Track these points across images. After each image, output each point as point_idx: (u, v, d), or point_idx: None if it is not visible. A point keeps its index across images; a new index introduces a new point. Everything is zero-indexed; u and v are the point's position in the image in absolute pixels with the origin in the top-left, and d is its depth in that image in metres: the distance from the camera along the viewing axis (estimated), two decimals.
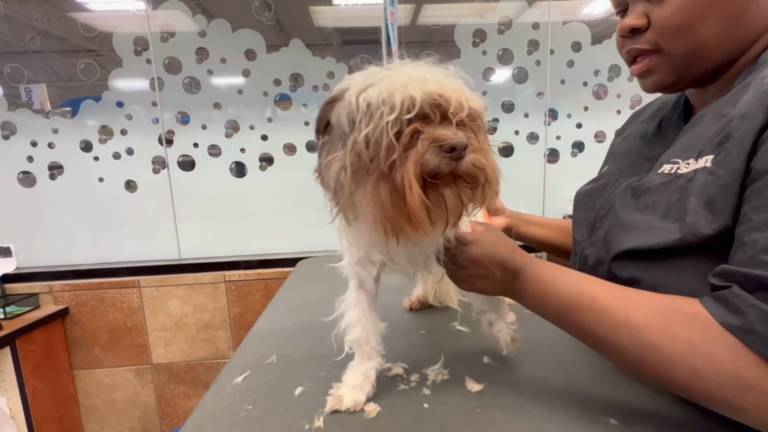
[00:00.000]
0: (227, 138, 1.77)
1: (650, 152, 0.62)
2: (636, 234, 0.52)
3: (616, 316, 0.46)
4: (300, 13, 1.78)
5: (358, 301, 0.61)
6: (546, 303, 0.53)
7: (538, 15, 1.76)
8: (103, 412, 1.83)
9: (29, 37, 1.66)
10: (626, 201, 0.56)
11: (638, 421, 0.51)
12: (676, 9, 0.50)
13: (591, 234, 0.65)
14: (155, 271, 1.77)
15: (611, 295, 0.48)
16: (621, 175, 0.64)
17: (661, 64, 0.55)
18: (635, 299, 0.47)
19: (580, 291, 0.50)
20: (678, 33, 0.51)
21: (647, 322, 0.44)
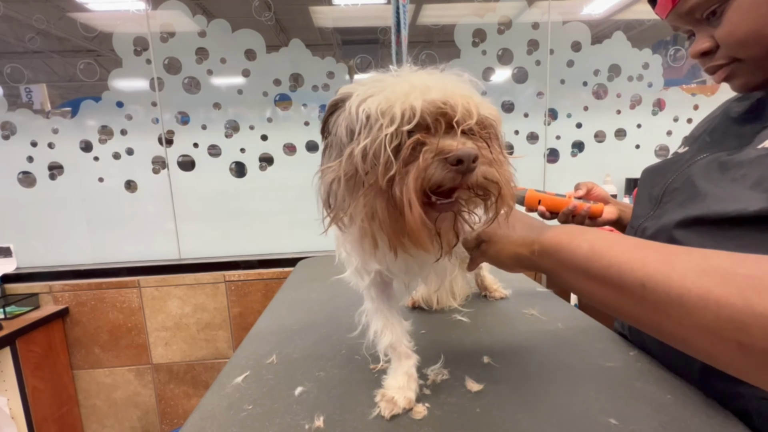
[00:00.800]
0: (227, 138, 1.77)
1: (740, 129, 0.58)
2: (712, 201, 0.48)
3: (673, 249, 0.37)
4: (300, 13, 1.78)
5: (378, 309, 0.60)
6: (577, 243, 0.43)
7: (538, 15, 1.76)
8: (103, 412, 1.84)
9: (29, 37, 1.66)
10: (711, 174, 0.52)
11: (638, 422, 0.51)
12: (735, 26, 0.51)
13: (656, 207, 0.62)
14: (155, 271, 1.77)
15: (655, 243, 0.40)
16: (700, 151, 0.60)
17: (743, 69, 0.55)
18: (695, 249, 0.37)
19: (618, 234, 0.43)
20: (745, 44, 0.51)
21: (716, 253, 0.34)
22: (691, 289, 0.32)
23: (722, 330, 0.31)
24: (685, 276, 0.33)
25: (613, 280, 0.38)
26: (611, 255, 0.39)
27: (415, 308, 0.94)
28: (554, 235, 0.47)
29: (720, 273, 0.32)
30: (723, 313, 0.30)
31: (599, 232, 0.44)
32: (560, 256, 0.45)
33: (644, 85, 1.82)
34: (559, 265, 0.46)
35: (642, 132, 1.86)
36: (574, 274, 0.43)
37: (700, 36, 0.56)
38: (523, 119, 1.84)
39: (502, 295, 0.97)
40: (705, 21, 0.54)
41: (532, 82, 1.82)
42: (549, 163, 1.88)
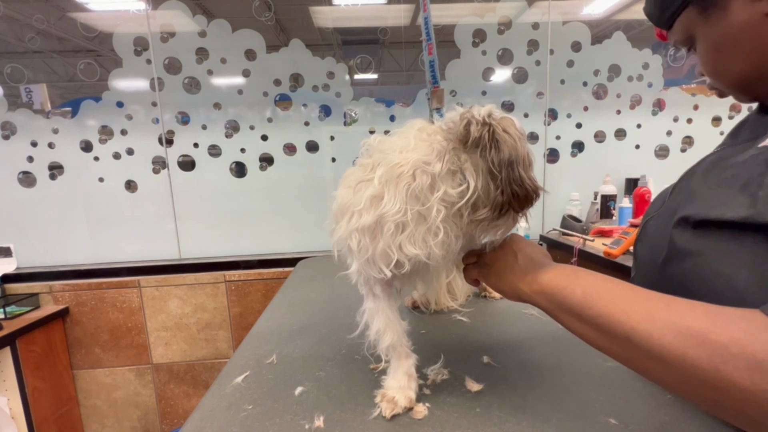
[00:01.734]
0: (227, 138, 1.77)
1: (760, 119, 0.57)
2: (702, 207, 0.47)
3: (656, 302, 0.39)
4: (300, 13, 1.78)
5: (378, 308, 0.60)
6: (571, 289, 0.47)
7: (537, 15, 1.76)
8: (104, 412, 1.84)
9: (29, 37, 1.66)
10: (709, 173, 0.51)
11: (638, 421, 0.51)
12: (703, 59, 0.54)
13: (662, 206, 0.61)
14: (155, 271, 1.77)
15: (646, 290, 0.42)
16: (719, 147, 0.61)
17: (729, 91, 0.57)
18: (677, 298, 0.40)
19: (610, 280, 0.46)
20: (714, 76, 0.55)
21: (693, 308, 0.37)
22: (669, 349, 0.36)
23: (697, 388, 0.35)
24: (663, 335, 0.36)
25: (603, 328, 0.42)
26: (601, 304, 0.43)
27: (415, 308, 0.94)
28: (552, 278, 0.50)
29: (694, 336, 0.35)
30: (697, 374, 0.34)
31: (593, 278, 0.47)
32: (556, 299, 0.48)
33: (644, 85, 1.82)
34: (555, 307, 0.49)
35: (642, 132, 1.86)
36: (569, 317, 0.47)
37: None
38: (523, 119, 1.84)
39: (499, 296, 0.97)
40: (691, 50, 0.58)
41: (532, 82, 1.82)
42: (549, 163, 1.88)
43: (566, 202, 1.86)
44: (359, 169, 0.56)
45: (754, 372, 0.31)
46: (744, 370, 0.32)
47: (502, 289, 0.58)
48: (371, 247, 0.53)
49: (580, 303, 0.45)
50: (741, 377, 0.32)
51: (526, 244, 0.58)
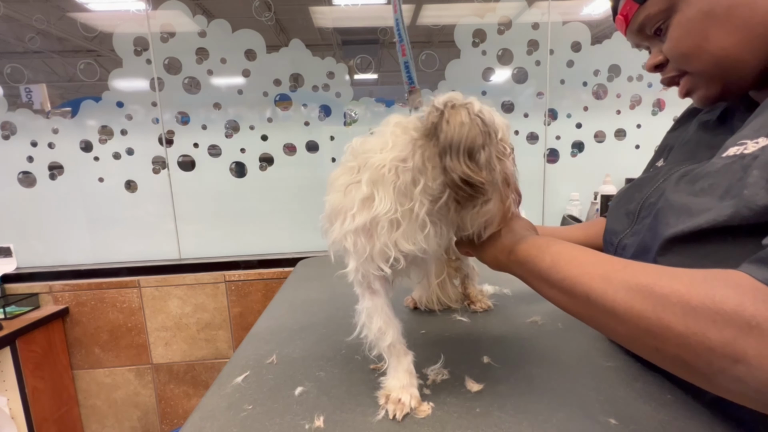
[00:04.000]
0: (227, 138, 1.77)
1: (711, 140, 0.58)
2: (687, 216, 0.48)
3: (614, 264, 0.43)
4: (300, 13, 1.78)
5: (376, 306, 0.60)
6: (541, 257, 0.51)
7: (537, 15, 1.76)
8: (103, 412, 1.84)
9: (29, 37, 1.66)
10: (680, 187, 0.52)
11: (638, 421, 0.51)
12: (675, 41, 0.53)
13: (634, 223, 0.62)
14: (155, 271, 1.77)
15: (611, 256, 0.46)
16: (675, 164, 0.60)
17: (695, 82, 0.56)
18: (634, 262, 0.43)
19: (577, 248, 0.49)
20: (688, 57, 0.53)
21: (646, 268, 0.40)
22: (620, 303, 0.40)
23: (643, 337, 0.39)
24: (616, 291, 0.41)
25: (566, 290, 0.47)
26: (566, 269, 0.47)
27: (415, 309, 0.94)
28: (526, 247, 0.54)
29: (641, 290, 0.39)
30: (641, 324, 0.38)
31: (563, 247, 0.51)
32: (528, 267, 0.53)
33: (644, 85, 1.82)
34: (528, 274, 0.54)
35: (642, 132, 1.86)
36: (539, 282, 0.52)
37: (653, 51, 0.60)
38: (523, 119, 1.84)
39: (485, 307, 0.92)
40: (655, 37, 0.57)
41: (532, 83, 1.82)
42: (549, 164, 1.88)
43: (566, 202, 1.86)
44: (346, 172, 0.56)
45: (688, 317, 0.35)
46: (680, 316, 0.35)
47: (487, 261, 0.62)
48: (368, 246, 0.54)
49: (548, 268, 0.49)
50: (677, 323, 0.35)
51: (511, 219, 0.61)
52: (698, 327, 0.34)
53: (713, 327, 0.33)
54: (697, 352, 0.35)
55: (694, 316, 0.35)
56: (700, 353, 0.35)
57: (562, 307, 0.49)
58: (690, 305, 0.35)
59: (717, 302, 0.34)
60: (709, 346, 0.34)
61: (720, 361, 0.33)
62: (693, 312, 0.35)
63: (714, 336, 0.33)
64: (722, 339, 0.33)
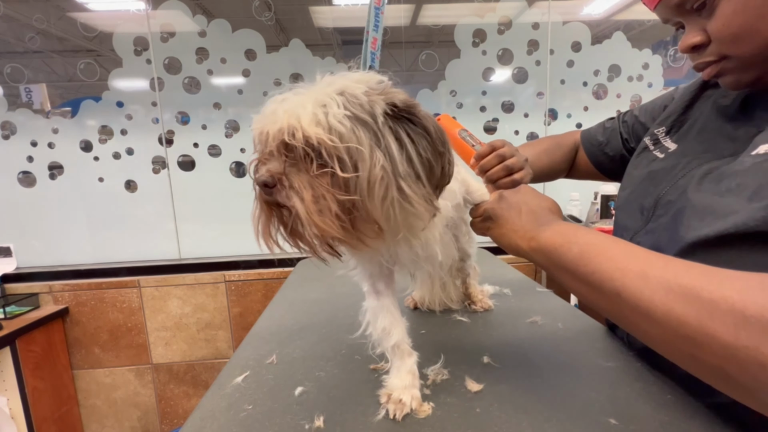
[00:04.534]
0: (227, 138, 1.77)
1: (733, 131, 0.54)
2: (712, 219, 0.44)
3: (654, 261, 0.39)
4: (300, 13, 1.78)
5: (383, 306, 0.60)
6: (568, 247, 0.47)
7: (538, 15, 1.76)
8: (103, 412, 1.83)
9: (29, 37, 1.66)
10: (704, 186, 0.49)
11: (638, 422, 0.51)
12: (728, 18, 0.47)
13: (649, 220, 0.58)
14: (155, 271, 1.77)
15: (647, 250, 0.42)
16: (695, 157, 0.56)
17: (733, 67, 0.51)
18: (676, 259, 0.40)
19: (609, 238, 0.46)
20: (738, 39, 0.48)
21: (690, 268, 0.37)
22: (658, 305, 0.37)
23: (679, 343, 0.36)
24: (654, 292, 0.37)
25: (595, 285, 0.43)
26: (596, 261, 0.43)
27: (416, 309, 0.94)
28: (551, 235, 0.50)
29: (684, 293, 0.35)
30: (681, 330, 0.35)
31: (592, 236, 0.46)
32: (553, 257, 0.49)
33: (644, 85, 1.82)
34: (552, 264, 0.49)
35: None
36: (564, 274, 0.48)
37: (690, 29, 0.52)
38: (523, 119, 1.84)
39: (486, 306, 0.91)
40: (695, 12, 0.51)
41: (532, 83, 1.82)
42: None
43: (566, 202, 1.85)
44: None
45: (740, 328, 0.31)
46: (730, 326, 0.32)
47: (503, 244, 0.58)
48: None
49: (576, 260, 0.45)
50: (726, 333, 0.32)
51: (532, 198, 0.58)
52: (752, 341, 0.31)
53: (760, 337, 0.30)
54: (745, 366, 0.31)
55: (748, 327, 0.31)
56: (747, 367, 0.31)
57: (588, 301, 0.46)
58: (744, 315, 0.31)
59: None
60: (762, 362, 0.30)
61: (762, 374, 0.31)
62: (746, 323, 0.31)
63: (763, 347, 0.30)
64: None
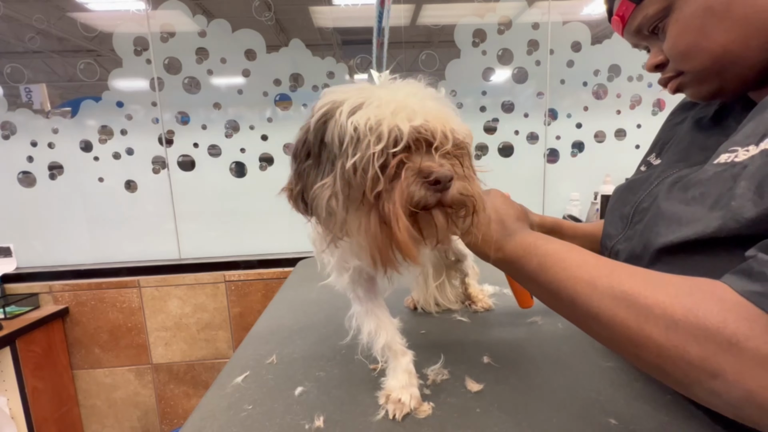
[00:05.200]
0: (227, 138, 1.77)
1: (705, 141, 0.57)
2: (677, 226, 0.47)
3: (601, 269, 0.43)
4: (300, 13, 1.78)
5: (368, 311, 0.61)
6: (528, 258, 0.50)
7: (538, 15, 1.76)
8: (103, 412, 1.83)
9: (29, 37, 1.66)
10: (673, 194, 0.51)
11: (638, 421, 0.51)
12: (675, 39, 0.53)
13: (627, 227, 0.61)
14: (155, 271, 1.77)
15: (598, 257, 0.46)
16: (669, 167, 0.59)
17: (689, 81, 0.56)
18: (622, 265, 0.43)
19: (567, 248, 0.49)
20: (687, 56, 0.53)
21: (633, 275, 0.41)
22: (604, 310, 0.40)
23: (625, 344, 0.40)
24: (601, 298, 0.41)
25: (553, 293, 0.47)
26: (553, 271, 0.47)
27: (415, 310, 0.94)
28: (514, 247, 0.53)
29: (626, 299, 0.39)
30: (624, 332, 0.39)
31: (551, 247, 0.50)
32: (516, 266, 0.53)
33: (644, 85, 1.82)
34: (516, 274, 0.54)
35: (642, 132, 1.86)
36: (528, 283, 0.52)
37: (653, 50, 0.58)
38: (523, 119, 1.84)
39: (486, 306, 0.90)
40: (653, 36, 0.56)
41: (532, 82, 1.82)
42: (549, 163, 1.88)
43: (566, 202, 1.86)
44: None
45: (670, 331, 0.35)
46: (662, 329, 0.36)
47: (474, 251, 0.60)
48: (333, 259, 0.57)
49: (536, 270, 0.49)
50: (659, 335, 0.36)
51: (501, 204, 0.60)
52: (679, 341, 0.35)
53: (694, 342, 0.34)
54: (676, 363, 0.36)
55: (676, 329, 0.35)
56: (678, 365, 0.35)
57: (551, 307, 0.50)
58: (673, 318, 0.36)
59: (700, 317, 0.34)
60: (688, 359, 0.35)
61: (697, 375, 0.34)
62: (675, 325, 0.35)
63: (694, 351, 0.34)
64: (701, 354, 0.34)
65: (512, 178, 1.86)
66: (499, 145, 1.85)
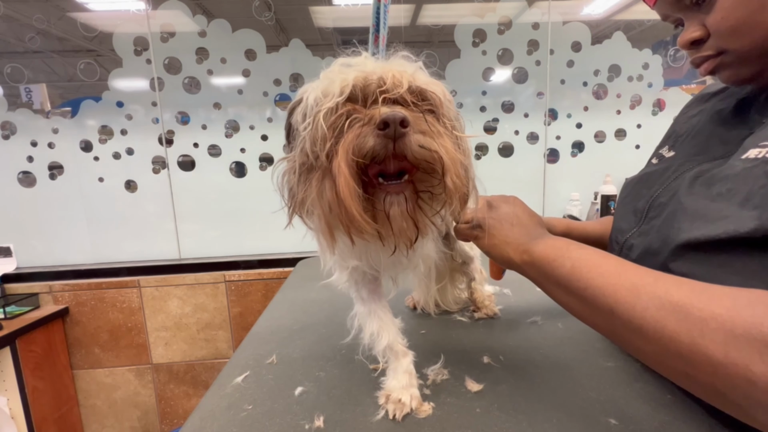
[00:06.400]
0: (227, 138, 1.77)
1: (726, 134, 0.54)
2: (702, 223, 0.44)
3: (644, 277, 0.40)
4: (300, 13, 1.78)
5: (370, 311, 0.61)
6: (560, 262, 0.47)
7: (538, 15, 1.76)
8: (103, 412, 1.83)
9: (29, 37, 1.66)
10: (695, 189, 0.48)
11: (638, 421, 0.51)
12: (728, 11, 0.48)
13: (642, 222, 0.58)
14: (155, 271, 1.77)
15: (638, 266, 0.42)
16: (688, 159, 0.56)
17: (731, 62, 0.51)
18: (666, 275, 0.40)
19: (601, 254, 0.46)
20: (737, 32, 0.48)
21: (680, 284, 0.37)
22: (650, 321, 0.37)
23: (672, 360, 0.36)
24: (646, 309, 0.37)
25: (588, 300, 0.43)
26: (589, 277, 0.43)
27: (415, 310, 0.94)
28: (543, 249, 0.51)
29: (676, 310, 0.35)
30: (673, 347, 0.35)
31: (584, 252, 0.47)
32: (545, 270, 0.50)
33: (644, 85, 1.82)
34: (544, 278, 0.50)
35: (642, 132, 1.86)
36: (557, 289, 0.49)
37: (689, 24, 0.53)
38: (523, 119, 1.84)
39: (491, 313, 0.86)
40: (695, 7, 0.51)
41: (532, 82, 1.82)
42: (549, 164, 1.88)
43: (566, 202, 1.86)
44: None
45: (729, 346, 0.32)
46: (720, 344, 0.32)
47: (494, 255, 0.59)
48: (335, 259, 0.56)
49: (569, 275, 0.46)
50: (716, 351, 0.32)
51: (522, 210, 0.59)
52: (741, 358, 0.31)
53: (759, 359, 0.30)
54: (736, 383, 0.31)
55: (737, 345, 0.31)
56: (738, 385, 0.31)
57: (580, 316, 0.46)
58: (733, 333, 0.32)
59: (765, 332, 0.30)
60: (751, 379, 0.30)
61: (762, 396, 0.30)
62: (735, 341, 0.31)
63: (758, 369, 0.30)
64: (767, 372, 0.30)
65: (512, 178, 1.86)
66: (499, 145, 1.85)
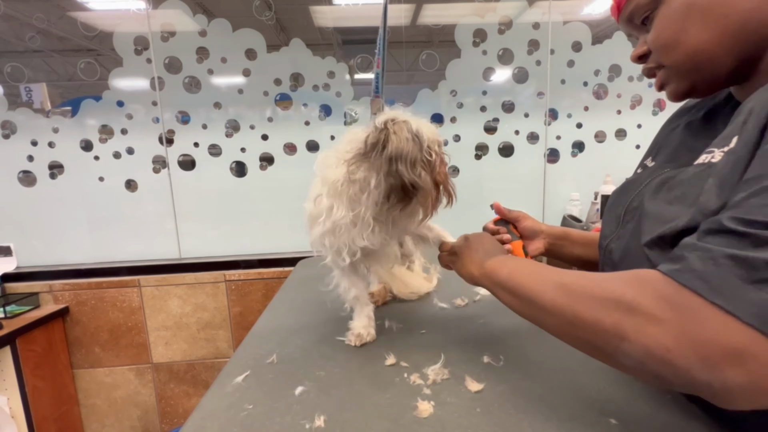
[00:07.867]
0: (227, 138, 1.77)
1: (694, 143, 0.60)
2: (659, 224, 0.50)
3: (551, 271, 0.52)
4: (300, 12, 1.78)
5: (344, 273, 0.81)
6: (500, 269, 0.61)
7: (538, 15, 1.76)
8: (104, 411, 1.84)
9: (29, 37, 1.66)
10: (658, 194, 0.54)
11: (638, 421, 0.51)
12: (658, 31, 0.55)
13: (619, 227, 0.63)
14: (155, 271, 1.77)
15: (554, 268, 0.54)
16: (658, 168, 0.62)
17: (669, 75, 0.57)
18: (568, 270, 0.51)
19: (531, 263, 0.59)
20: (666, 49, 0.55)
21: (573, 272, 0.49)
22: (548, 299, 0.49)
23: (566, 328, 0.48)
24: (545, 291, 0.50)
25: (519, 295, 0.55)
26: (518, 278, 0.56)
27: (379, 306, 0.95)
28: (492, 263, 0.64)
29: (563, 287, 0.48)
30: (563, 315, 0.47)
31: (519, 261, 0.62)
32: (491, 277, 0.63)
33: (644, 85, 1.82)
34: (492, 284, 0.63)
35: (642, 132, 1.86)
36: (500, 290, 0.60)
37: (639, 41, 0.61)
38: (524, 119, 1.84)
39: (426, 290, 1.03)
40: (642, 26, 0.58)
41: (532, 82, 1.82)
42: (549, 163, 1.88)
43: (566, 202, 1.86)
44: (316, 185, 0.74)
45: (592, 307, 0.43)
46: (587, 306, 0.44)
47: (462, 273, 0.72)
48: (336, 243, 0.72)
49: (506, 278, 0.59)
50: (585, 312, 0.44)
51: (488, 240, 0.74)
52: (598, 314, 0.42)
53: (605, 312, 0.42)
54: (598, 334, 0.43)
55: (595, 305, 0.43)
56: (600, 335, 0.43)
57: (516, 310, 0.57)
58: (594, 297, 0.44)
59: (614, 293, 0.42)
60: (604, 328, 0.42)
61: (613, 341, 0.41)
62: (594, 302, 0.43)
63: (607, 320, 0.41)
64: (612, 321, 0.41)
65: (512, 178, 1.86)
66: (500, 145, 1.85)
